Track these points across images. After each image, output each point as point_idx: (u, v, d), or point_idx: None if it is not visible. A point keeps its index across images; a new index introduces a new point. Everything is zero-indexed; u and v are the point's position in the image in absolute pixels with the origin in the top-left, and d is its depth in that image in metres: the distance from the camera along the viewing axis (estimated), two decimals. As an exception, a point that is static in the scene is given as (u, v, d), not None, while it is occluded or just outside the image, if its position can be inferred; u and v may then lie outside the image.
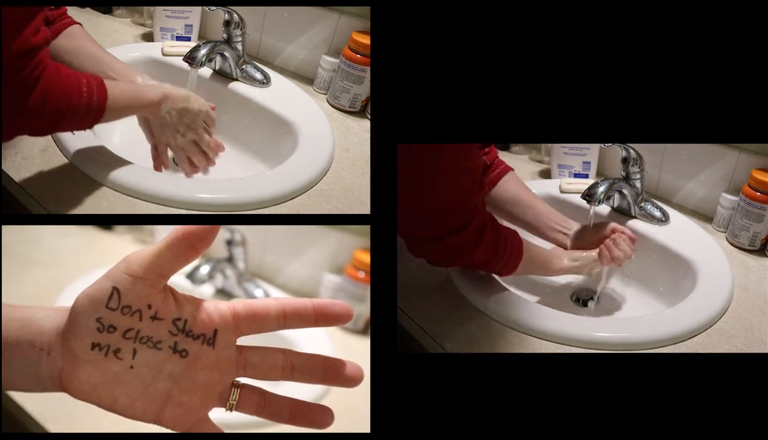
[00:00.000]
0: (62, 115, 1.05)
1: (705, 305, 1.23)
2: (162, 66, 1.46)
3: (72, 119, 1.07)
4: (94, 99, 1.09)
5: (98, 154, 1.21)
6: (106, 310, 0.61)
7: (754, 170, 1.38)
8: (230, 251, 1.52)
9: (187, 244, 0.61)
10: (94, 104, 1.09)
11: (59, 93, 1.04)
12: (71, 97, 1.06)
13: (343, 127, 1.41)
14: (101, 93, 1.10)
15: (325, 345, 1.40)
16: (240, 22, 1.40)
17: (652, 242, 1.38)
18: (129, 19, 1.62)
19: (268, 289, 1.58)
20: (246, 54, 1.44)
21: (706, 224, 1.45)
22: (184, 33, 1.54)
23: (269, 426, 1.15)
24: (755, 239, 1.39)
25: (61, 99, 1.04)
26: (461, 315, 1.22)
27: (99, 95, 1.09)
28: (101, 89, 1.10)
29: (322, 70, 1.48)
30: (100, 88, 1.10)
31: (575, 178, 1.54)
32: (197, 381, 0.63)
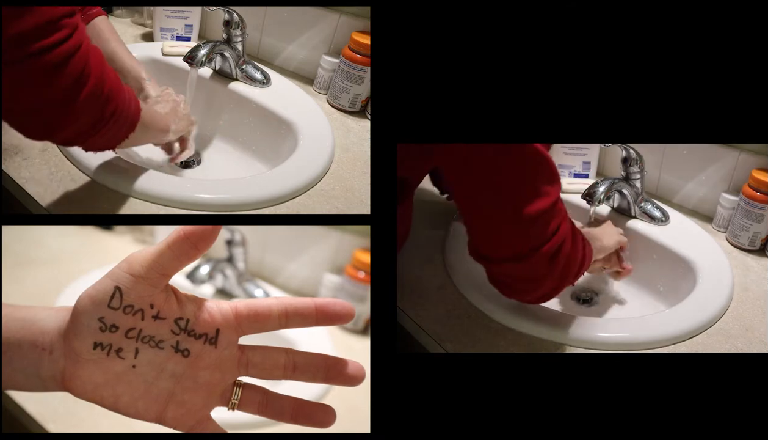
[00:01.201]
0: (110, 113, 0.95)
1: (705, 305, 1.23)
2: (162, 66, 1.46)
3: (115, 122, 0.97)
4: (133, 105, 1.01)
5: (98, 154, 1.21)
6: (108, 310, 0.61)
7: (754, 170, 1.38)
8: (230, 251, 1.52)
9: (188, 244, 0.61)
10: (133, 111, 1.01)
11: (112, 84, 0.94)
12: (120, 93, 0.96)
13: (343, 127, 1.41)
14: (136, 101, 1.02)
15: (325, 345, 1.40)
16: (240, 22, 1.40)
17: (652, 243, 1.38)
18: (129, 19, 1.62)
19: (268, 289, 1.58)
20: (246, 54, 1.44)
21: (706, 224, 1.45)
22: (184, 33, 1.54)
23: (270, 425, 1.16)
24: (755, 239, 1.39)
25: (113, 92, 0.94)
26: (461, 315, 1.22)
27: (135, 103, 1.02)
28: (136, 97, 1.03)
29: (322, 70, 1.48)
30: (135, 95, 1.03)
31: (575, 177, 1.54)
32: (199, 381, 0.63)
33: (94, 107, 0.93)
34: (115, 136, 1.01)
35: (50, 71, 0.86)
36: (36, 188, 1.17)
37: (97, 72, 0.91)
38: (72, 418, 1.15)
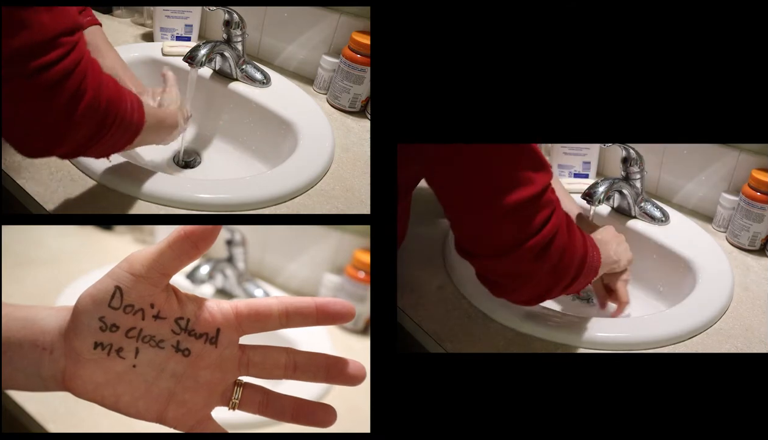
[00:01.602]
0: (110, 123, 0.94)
1: (705, 305, 1.23)
2: (162, 66, 1.46)
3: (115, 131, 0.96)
4: (136, 113, 1.00)
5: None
6: (108, 309, 0.61)
7: (754, 170, 1.38)
8: (230, 251, 1.52)
9: (189, 243, 0.61)
10: (135, 118, 1.00)
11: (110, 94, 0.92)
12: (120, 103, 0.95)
13: (343, 127, 1.41)
14: (140, 107, 1.01)
15: (325, 345, 1.40)
16: (240, 22, 1.40)
17: (652, 243, 1.38)
18: (129, 19, 1.62)
19: (269, 289, 1.58)
20: (246, 54, 1.44)
21: (706, 224, 1.45)
22: (184, 33, 1.54)
23: (270, 425, 1.15)
24: (755, 239, 1.39)
25: (111, 102, 0.93)
26: (461, 315, 1.22)
27: (139, 110, 1.01)
28: (140, 103, 1.02)
29: (322, 70, 1.48)
30: (139, 101, 1.02)
31: (575, 177, 1.55)
32: (200, 380, 0.63)
33: (92, 121, 0.92)
34: (117, 142, 1.00)
35: (47, 91, 0.84)
36: (36, 188, 1.17)
37: (94, 84, 0.89)
38: (72, 418, 1.15)
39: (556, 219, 1.00)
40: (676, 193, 1.50)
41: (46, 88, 0.84)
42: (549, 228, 0.99)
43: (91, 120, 0.91)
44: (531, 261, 1.01)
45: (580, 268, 1.07)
